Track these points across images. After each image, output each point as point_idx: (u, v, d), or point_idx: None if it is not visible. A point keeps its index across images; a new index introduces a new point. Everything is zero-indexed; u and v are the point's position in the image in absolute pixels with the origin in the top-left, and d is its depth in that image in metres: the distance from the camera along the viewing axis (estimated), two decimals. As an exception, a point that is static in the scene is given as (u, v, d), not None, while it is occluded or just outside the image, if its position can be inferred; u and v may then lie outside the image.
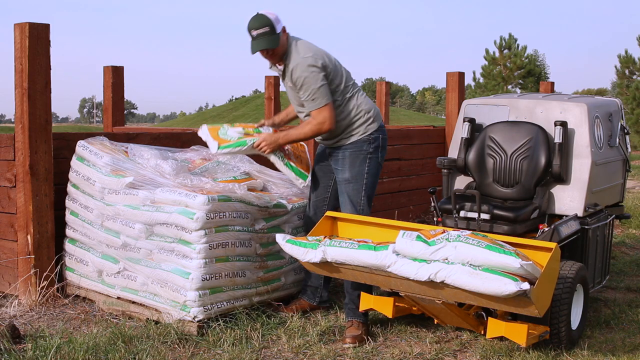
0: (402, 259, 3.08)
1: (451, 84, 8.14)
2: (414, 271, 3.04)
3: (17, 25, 4.19)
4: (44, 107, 4.23)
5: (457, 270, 2.96)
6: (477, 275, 2.91)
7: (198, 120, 50.98)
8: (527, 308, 2.95)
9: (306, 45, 3.90)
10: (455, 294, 3.06)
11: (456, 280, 2.95)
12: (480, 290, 2.90)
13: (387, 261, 3.10)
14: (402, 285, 3.21)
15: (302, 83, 3.80)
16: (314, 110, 3.81)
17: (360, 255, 3.18)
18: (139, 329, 3.69)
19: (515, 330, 3.28)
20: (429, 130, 8.28)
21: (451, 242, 3.03)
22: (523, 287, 2.81)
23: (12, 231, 4.38)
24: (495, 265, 2.92)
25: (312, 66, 3.79)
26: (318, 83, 3.79)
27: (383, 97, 11.25)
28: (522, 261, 2.90)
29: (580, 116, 4.14)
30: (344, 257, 3.25)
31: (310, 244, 3.38)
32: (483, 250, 2.96)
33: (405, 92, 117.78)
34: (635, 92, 23.60)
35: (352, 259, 3.22)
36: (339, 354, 3.51)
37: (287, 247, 3.46)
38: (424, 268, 3.03)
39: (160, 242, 3.84)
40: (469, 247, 2.99)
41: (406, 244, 3.09)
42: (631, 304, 4.42)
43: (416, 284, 3.11)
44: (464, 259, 2.99)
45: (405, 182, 7.65)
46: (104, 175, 4.04)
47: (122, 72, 8.12)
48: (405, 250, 3.09)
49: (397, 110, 56.07)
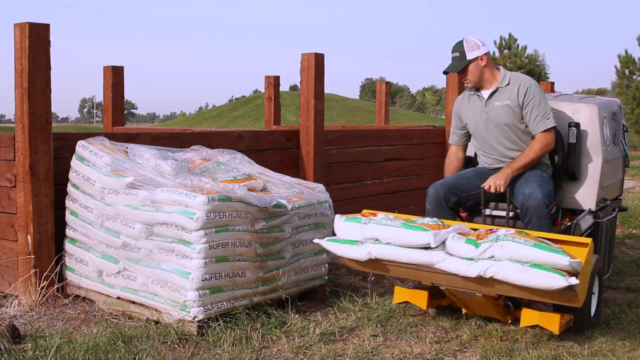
0: (451, 258, 3.39)
1: (451, 84, 8.13)
2: (463, 269, 3.36)
3: (17, 25, 4.19)
4: (44, 107, 4.23)
5: (506, 267, 3.26)
6: (527, 271, 3.21)
7: (198, 120, 50.97)
8: (570, 299, 3.26)
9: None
10: (501, 288, 3.36)
11: (506, 276, 3.26)
12: (530, 285, 3.21)
13: (436, 259, 3.41)
14: (446, 280, 3.51)
15: (540, 100, 4.16)
16: (543, 131, 4.12)
17: (409, 253, 3.48)
18: (139, 329, 3.69)
19: (548, 319, 3.56)
20: (429, 130, 8.27)
21: (498, 242, 3.32)
22: (572, 282, 3.13)
23: (12, 231, 4.38)
24: (543, 262, 3.21)
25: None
26: (549, 105, 4.21)
27: (383, 97, 11.24)
28: (571, 259, 3.18)
29: (592, 117, 4.41)
30: (390, 254, 3.54)
31: (353, 241, 3.65)
32: (531, 248, 3.24)
33: (405, 92, 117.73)
34: (635, 92, 23.60)
35: (399, 257, 3.51)
36: (339, 354, 3.51)
37: (330, 246, 3.72)
38: (473, 266, 3.34)
39: (160, 242, 3.84)
40: (516, 246, 3.27)
41: (456, 245, 3.41)
42: (631, 304, 4.42)
43: (461, 279, 3.41)
44: (511, 256, 3.27)
45: (405, 182, 7.64)
46: (104, 175, 4.04)
47: (122, 72, 8.12)
48: (455, 251, 3.41)
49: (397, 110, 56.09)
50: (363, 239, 3.65)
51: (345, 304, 4.31)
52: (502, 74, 4.30)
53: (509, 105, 4.20)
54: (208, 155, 4.59)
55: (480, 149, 4.43)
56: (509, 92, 4.22)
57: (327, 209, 4.45)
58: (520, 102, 4.18)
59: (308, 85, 6.09)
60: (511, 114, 4.20)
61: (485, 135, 4.32)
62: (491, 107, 4.26)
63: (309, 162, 6.14)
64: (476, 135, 4.40)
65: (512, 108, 4.20)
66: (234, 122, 46.82)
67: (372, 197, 7.23)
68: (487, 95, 4.28)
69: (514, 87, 4.21)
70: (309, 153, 6.14)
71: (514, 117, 4.20)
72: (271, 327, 3.80)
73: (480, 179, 4.18)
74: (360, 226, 3.68)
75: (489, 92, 4.28)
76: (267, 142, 5.96)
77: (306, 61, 6.09)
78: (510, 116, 4.20)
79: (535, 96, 4.15)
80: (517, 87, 4.20)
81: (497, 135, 4.27)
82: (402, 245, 3.51)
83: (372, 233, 3.62)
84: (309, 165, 6.14)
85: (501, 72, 4.30)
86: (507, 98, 4.21)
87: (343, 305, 4.29)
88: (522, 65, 30.14)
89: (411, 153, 7.70)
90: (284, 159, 6.09)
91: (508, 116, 4.21)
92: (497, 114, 4.23)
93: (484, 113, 4.29)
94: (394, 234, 3.53)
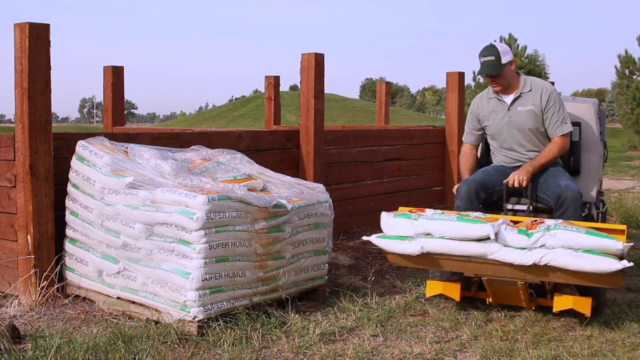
0: (506, 248, 3.62)
1: (451, 84, 8.14)
2: (518, 257, 3.58)
3: (17, 25, 4.19)
4: (44, 107, 4.23)
5: (561, 254, 3.51)
6: (582, 257, 3.47)
7: (198, 120, 50.95)
8: (617, 282, 3.54)
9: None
10: (552, 274, 3.60)
11: (561, 262, 3.50)
12: (586, 270, 3.46)
13: (491, 249, 3.62)
14: (492, 270, 3.72)
15: (559, 106, 4.41)
16: (561, 135, 4.40)
17: (463, 246, 3.66)
18: (139, 329, 3.69)
19: (580, 302, 3.82)
20: (429, 130, 8.28)
21: (550, 231, 3.58)
22: (625, 264, 3.38)
23: (12, 231, 4.38)
24: (596, 247, 3.47)
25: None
26: (566, 110, 4.46)
27: (383, 97, 11.24)
28: (623, 243, 3.47)
29: (590, 114, 4.70)
30: (444, 248, 3.69)
31: (404, 236, 3.76)
32: (585, 235, 3.52)
33: (405, 92, 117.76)
34: (635, 92, 23.53)
35: (453, 250, 3.67)
36: (339, 354, 3.51)
37: (380, 242, 3.80)
38: (527, 254, 3.58)
39: (160, 242, 3.84)
40: (570, 234, 3.53)
41: (510, 236, 3.63)
42: (631, 304, 4.42)
43: (510, 268, 3.64)
44: (564, 244, 3.53)
45: (405, 182, 7.65)
46: (104, 175, 4.04)
47: (122, 72, 8.13)
48: (508, 241, 3.63)
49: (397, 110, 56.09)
50: (414, 234, 3.77)
51: (345, 304, 4.31)
52: (522, 79, 4.51)
53: (532, 110, 4.44)
54: (208, 155, 4.59)
55: (499, 149, 4.63)
56: (532, 97, 4.45)
57: (327, 209, 4.45)
58: (543, 107, 4.42)
59: (308, 85, 6.09)
60: (535, 119, 4.44)
61: (507, 138, 4.54)
62: (514, 112, 4.49)
63: (309, 162, 6.14)
64: (497, 137, 4.60)
65: (535, 113, 4.43)
66: (234, 122, 46.82)
67: (372, 197, 7.23)
68: (510, 100, 4.50)
69: (536, 93, 4.45)
70: (309, 153, 6.14)
71: (536, 122, 4.44)
72: (271, 327, 3.80)
73: (502, 176, 4.41)
74: (411, 222, 3.80)
75: (512, 96, 4.51)
76: (267, 142, 5.96)
77: (306, 61, 6.09)
78: (533, 121, 4.44)
79: (555, 102, 4.41)
80: (539, 93, 4.44)
81: (519, 138, 4.50)
82: (458, 238, 3.66)
83: (424, 228, 3.74)
84: (309, 165, 6.14)
85: (521, 78, 4.52)
86: (531, 103, 4.45)
87: (343, 305, 4.29)
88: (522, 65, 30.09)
89: (411, 153, 7.70)
90: (284, 159, 6.09)
91: (532, 121, 4.44)
92: (521, 118, 4.46)
93: (507, 117, 4.51)
94: (451, 228, 3.68)
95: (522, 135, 4.48)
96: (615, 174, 14.74)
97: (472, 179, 4.35)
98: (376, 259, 5.77)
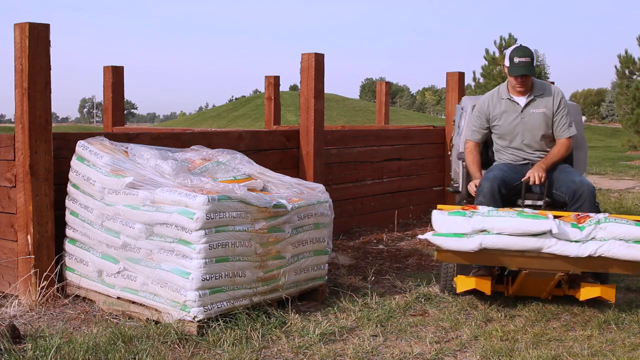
0: (561, 242, 3.76)
1: (451, 84, 8.14)
2: (575, 250, 3.75)
3: (17, 25, 4.19)
4: (44, 107, 4.23)
5: (615, 245, 3.72)
6: (635, 247, 3.70)
7: (198, 120, 50.94)
8: None
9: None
10: (604, 265, 3.80)
11: (615, 253, 3.72)
12: (638, 259, 3.70)
13: (548, 243, 3.76)
14: (539, 263, 3.85)
15: (567, 111, 4.65)
16: (568, 137, 4.63)
17: (521, 241, 3.76)
18: (139, 329, 3.69)
19: (607, 290, 4.07)
20: (429, 130, 8.28)
21: (600, 225, 3.78)
22: None
23: (12, 231, 4.38)
24: None
25: None
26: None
27: (383, 97, 11.24)
28: None
29: (578, 117, 4.96)
30: (502, 243, 3.77)
31: (460, 234, 3.82)
32: (635, 227, 3.75)
33: (405, 92, 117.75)
34: (635, 92, 23.54)
35: (511, 245, 3.76)
36: (339, 354, 3.51)
37: (437, 240, 3.83)
38: (582, 247, 3.75)
39: (160, 242, 3.84)
40: (621, 226, 3.75)
41: (565, 230, 3.78)
42: (631, 304, 4.42)
43: (557, 261, 3.80)
44: (615, 236, 3.74)
45: (405, 182, 7.65)
46: (104, 175, 4.04)
47: (122, 72, 8.13)
48: (563, 235, 3.78)
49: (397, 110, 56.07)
50: (471, 231, 3.83)
51: (345, 304, 4.31)
52: (534, 82, 4.66)
53: (545, 113, 4.63)
54: (208, 155, 4.59)
55: (506, 148, 4.75)
56: (544, 101, 4.65)
57: (327, 209, 4.45)
58: (554, 110, 4.64)
59: (308, 85, 6.09)
60: (546, 122, 4.63)
61: (517, 138, 4.68)
62: (527, 114, 4.64)
63: (309, 162, 6.14)
64: (506, 137, 4.72)
65: (547, 116, 4.63)
66: (234, 122, 46.79)
67: (372, 197, 7.24)
68: (524, 102, 4.65)
69: (549, 97, 4.65)
70: (309, 153, 6.14)
71: (547, 124, 4.64)
72: (271, 327, 3.80)
73: (516, 173, 4.56)
74: (467, 219, 3.87)
75: (525, 98, 4.65)
76: (267, 142, 5.96)
77: (306, 61, 6.09)
78: (545, 123, 4.64)
79: (564, 106, 4.66)
80: (552, 96, 4.65)
81: (529, 139, 4.66)
82: (518, 233, 3.76)
83: (481, 225, 3.81)
84: (309, 165, 6.14)
85: (534, 81, 4.67)
86: (544, 106, 4.64)
87: (343, 305, 4.29)
88: (522, 65, 30.05)
89: (411, 153, 7.71)
90: (284, 159, 6.09)
91: (543, 123, 4.64)
92: (533, 120, 4.64)
93: (520, 118, 4.65)
94: (512, 224, 3.77)
95: (532, 137, 4.65)
96: (615, 174, 14.74)
97: (494, 176, 4.44)
98: (376, 259, 5.77)
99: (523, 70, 4.50)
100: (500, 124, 4.71)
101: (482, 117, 4.79)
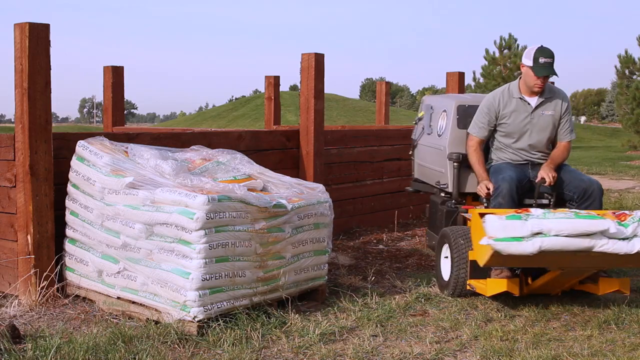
0: (612, 240, 3.80)
1: (451, 84, 8.15)
2: (624, 247, 3.79)
3: (17, 25, 4.19)
4: (44, 107, 4.23)
5: None
6: None
7: (198, 120, 50.94)
8: None
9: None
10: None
11: None
12: None
13: (601, 242, 3.78)
14: (586, 261, 3.90)
15: (571, 115, 4.83)
16: (569, 140, 4.82)
17: (576, 241, 3.77)
18: (139, 329, 3.69)
19: (623, 283, 4.27)
20: (429, 130, 8.25)
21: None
22: None
23: (12, 231, 4.38)
24: None
25: None
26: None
27: (383, 97, 11.24)
28: None
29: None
30: (559, 244, 3.75)
31: (518, 237, 3.79)
32: None
33: (405, 92, 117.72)
34: (635, 92, 23.54)
35: (567, 246, 3.76)
36: (339, 354, 3.51)
37: (498, 245, 3.77)
38: (630, 243, 3.79)
39: (160, 242, 3.84)
40: None
41: (613, 228, 3.80)
42: (631, 304, 4.42)
43: (601, 258, 3.82)
44: None
45: (405, 182, 7.62)
46: (104, 175, 4.04)
47: (122, 72, 8.13)
48: (613, 233, 3.80)
49: (397, 110, 56.03)
50: (529, 234, 3.83)
51: (345, 304, 4.31)
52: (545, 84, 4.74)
53: (553, 115, 4.77)
54: (208, 155, 4.59)
55: (508, 146, 4.82)
56: (554, 104, 4.78)
57: (327, 209, 4.45)
58: (562, 114, 4.79)
59: (308, 85, 6.09)
60: (553, 124, 4.78)
61: (524, 138, 4.77)
62: (537, 115, 4.76)
63: (309, 162, 6.14)
64: (512, 136, 4.79)
65: (555, 119, 4.78)
66: (234, 122, 46.78)
67: (372, 197, 7.23)
68: (535, 103, 4.76)
69: (557, 100, 4.79)
70: (309, 153, 6.14)
71: (554, 127, 4.79)
72: (271, 327, 3.80)
73: (523, 174, 4.66)
74: (523, 222, 3.86)
75: (536, 99, 4.76)
76: (267, 142, 5.96)
77: (306, 61, 6.09)
78: (552, 126, 4.78)
79: (570, 111, 4.85)
80: (560, 100, 4.79)
81: (535, 139, 4.77)
82: (577, 234, 3.78)
83: (538, 227, 3.81)
84: (309, 165, 6.14)
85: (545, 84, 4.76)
86: (553, 109, 4.78)
87: (343, 305, 4.29)
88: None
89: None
90: (284, 159, 6.09)
91: (551, 126, 4.78)
92: (542, 122, 4.76)
93: (529, 118, 4.75)
94: (571, 225, 3.79)
95: (538, 137, 4.77)
96: (615, 173, 14.74)
97: (510, 178, 4.50)
98: (376, 259, 5.77)
99: (548, 70, 4.58)
100: (509, 122, 4.77)
101: (492, 114, 4.82)
